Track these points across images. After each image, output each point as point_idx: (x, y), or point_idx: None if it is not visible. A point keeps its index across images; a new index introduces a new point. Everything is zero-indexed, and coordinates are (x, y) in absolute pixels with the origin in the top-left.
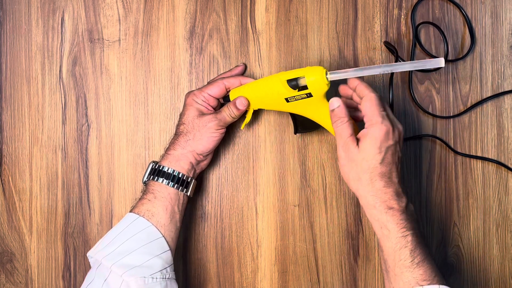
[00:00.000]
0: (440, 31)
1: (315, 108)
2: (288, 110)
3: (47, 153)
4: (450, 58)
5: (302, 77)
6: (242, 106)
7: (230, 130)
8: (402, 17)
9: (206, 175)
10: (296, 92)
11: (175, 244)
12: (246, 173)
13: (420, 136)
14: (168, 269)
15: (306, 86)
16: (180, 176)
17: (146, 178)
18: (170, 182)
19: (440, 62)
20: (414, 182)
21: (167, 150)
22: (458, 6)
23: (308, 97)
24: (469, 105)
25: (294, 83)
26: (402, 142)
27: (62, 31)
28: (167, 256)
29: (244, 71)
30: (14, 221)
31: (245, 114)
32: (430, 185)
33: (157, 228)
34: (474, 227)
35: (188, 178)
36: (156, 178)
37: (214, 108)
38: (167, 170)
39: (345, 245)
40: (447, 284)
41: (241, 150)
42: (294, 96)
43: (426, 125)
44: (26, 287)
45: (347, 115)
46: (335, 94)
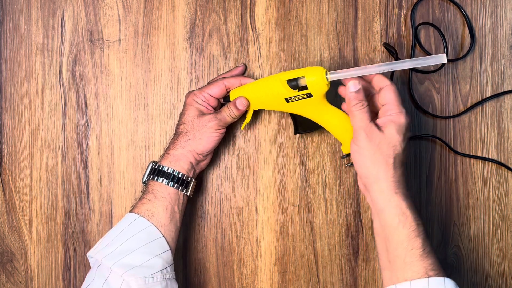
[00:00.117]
0: (439, 32)
1: (315, 108)
2: (288, 111)
3: (47, 153)
4: (450, 58)
5: (302, 77)
6: (242, 106)
7: (230, 130)
8: (402, 17)
9: (206, 175)
10: (296, 92)
11: (175, 244)
12: (246, 173)
13: (420, 136)
14: (168, 269)
15: (306, 86)
16: (180, 176)
17: (146, 178)
18: (170, 182)
19: (442, 58)
20: (414, 182)
21: (167, 149)
22: (458, 6)
23: (308, 97)
24: (469, 105)
25: (294, 83)
26: None
27: (62, 31)
28: (168, 256)
29: (244, 72)
30: (14, 221)
31: (245, 114)
32: (430, 185)
33: (157, 228)
34: (474, 227)
35: (188, 178)
36: (156, 178)
37: (214, 108)
38: (167, 170)
39: (345, 245)
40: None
41: (241, 150)
42: (294, 96)
43: (426, 125)
44: (26, 287)
45: (366, 100)
46: (335, 94)
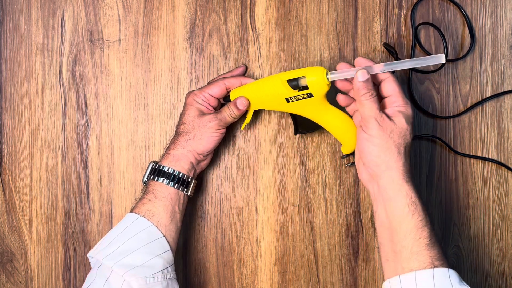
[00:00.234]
0: (439, 32)
1: (316, 108)
2: (288, 111)
3: (47, 153)
4: (450, 58)
5: (302, 77)
6: (242, 106)
7: (230, 130)
8: (402, 17)
9: (206, 175)
10: (296, 92)
11: (176, 244)
12: (246, 173)
13: (420, 136)
14: (169, 268)
15: (306, 86)
16: (180, 176)
17: (146, 178)
18: (171, 182)
19: (440, 58)
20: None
21: (167, 149)
22: (458, 6)
23: (308, 97)
24: (469, 105)
25: (294, 83)
26: None
27: (62, 31)
28: (168, 256)
29: (245, 72)
30: (14, 221)
31: (245, 114)
32: (430, 185)
33: (157, 228)
34: (474, 227)
35: (188, 178)
36: (156, 178)
37: (214, 108)
38: (168, 170)
39: (345, 245)
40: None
41: (241, 150)
42: (295, 96)
43: (426, 125)
44: (26, 287)
45: (374, 89)
46: (336, 94)
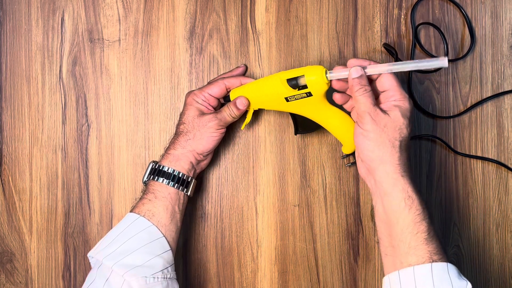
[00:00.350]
0: (439, 32)
1: (315, 107)
2: (288, 110)
3: (47, 153)
4: (450, 58)
5: (302, 76)
6: (242, 106)
7: (230, 130)
8: (402, 17)
9: (206, 175)
10: (296, 91)
11: (176, 244)
12: (246, 173)
13: (420, 136)
14: (169, 268)
15: (306, 86)
16: (180, 175)
17: (146, 178)
18: (171, 182)
19: (443, 62)
20: None
21: (167, 149)
22: (458, 6)
23: (308, 96)
24: (469, 105)
25: (294, 83)
26: None
27: (62, 31)
28: (168, 256)
29: (245, 72)
30: (14, 221)
31: (245, 114)
32: (430, 185)
33: (157, 228)
34: (474, 227)
35: (188, 178)
36: (156, 178)
37: (214, 108)
38: (167, 170)
39: (345, 245)
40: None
41: (241, 150)
42: (294, 95)
43: (426, 125)
44: (26, 287)
45: (369, 84)
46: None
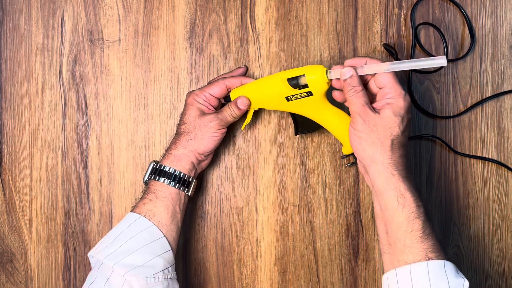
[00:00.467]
0: (439, 32)
1: (316, 107)
2: (288, 110)
3: (47, 153)
4: (450, 58)
5: (302, 75)
6: (243, 106)
7: (230, 130)
8: (402, 17)
9: (206, 175)
10: (296, 90)
11: (176, 244)
12: (246, 173)
13: (420, 136)
14: (169, 268)
15: (306, 85)
16: (181, 176)
17: (147, 178)
18: (172, 182)
19: (442, 61)
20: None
21: (168, 149)
22: (458, 6)
23: (308, 95)
24: (469, 105)
25: (294, 82)
26: None
27: (62, 31)
28: (169, 256)
29: (245, 73)
30: (14, 221)
31: (245, 114)
32: (430, 185)
33: (158, 228)
34: (474, 227)
35: (189, 178)
36: (157, 177)
37: (215, 108)
38: (169, 170)
39: (345, 245)
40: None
41: (241, 150)
42: (295, 94)
43: (426, 125)
44: (26, 287)
45: (361, 84)
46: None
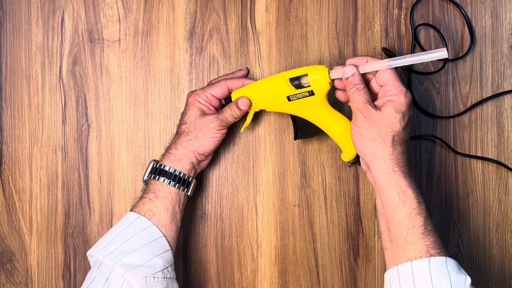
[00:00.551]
0: (438, 33)
1: (317, 109)
2: (289, 111)
3: (47, 153)
4: (450, 58)
5: (304, 75)
6: (244, 106)
7: (230, 130)
8: (402, 17)
9: (206, 175)
10: (298, 90)
11: (176, 243)
12: (246, 173)
13: (420, 136)
14: (169, 268)
15: (308, 85)
16: (181, 175)
17: (147, 177)
18: (172, 182)
19: (443, 53)
20: None
21: (168, 149)
22: (458, 6)
23: (310, 95)
24: (469, 105)
25: (296, 82)
26: None
27: (62, 31)
28: (168, 255)
29: (247, 75)
30: (14, 221)
31: (246, 116)
32: (430, 185)
33: (158, 227)
34: (474, 227)
35: (189, 178)
36: (157, 177)
37: (216, 108)
38: (169, 170)
39: (345, 245)
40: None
41: (241, 150)
42: (296, 94)
43: (426, 125)
44: (26, 287)
45: (363, 83)
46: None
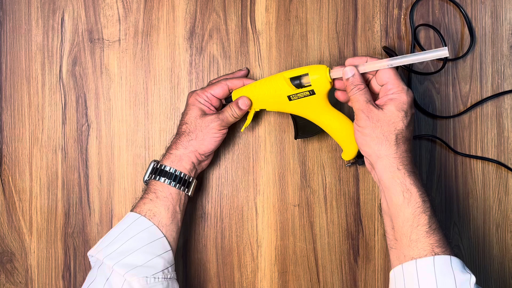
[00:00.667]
0: (438, 33)
1: (317, 108)
2: (290, 111)
3: (47, 153)
4: (450, 58)
5: (305, 74)
6: (244, 106)
7: (230, 131)
8: (402, 17)
9: (206, 175)
10: (299, 89)
11: (176, 244)
12: (246, 173)
13: (420, 136)
14: (169, 268)
15: (309, 84)
16: (182, 176)
17: (148, 177)
18: (172, 182)
19: (444, 52)
20: None
21: (169, 149)
22: (458, 6)
23: (310, 94)
24: (469, 105)
25: (297, 82)
26: None
27: (62, 31)
28: (169, 256)
29: (247, 75)
30: (14, 221)
31: (245, 115)
32: (430, 185)
33: (158, 228)
34: (474, 227)
35: (189, 178)
36: (157, 177)
37: (216, 108)
38: (169, 170)
39: (345, 245)
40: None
41: (241, 150)
42: (297, 93)
43: (426, 125)
44: (26, 287)
45: (363, 83)
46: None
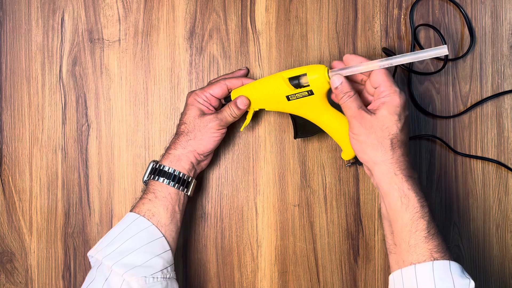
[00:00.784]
0: (438, 33)
1: (316, 108)
2: (288, 110)
3: (47, 153)
4: (450, 58)
5: (304, 74)
6: (243, 105)
7: (230, 130)
8: (402, 17)
9: (206, 175)
10: (297, 89)
11: (176, 243)
12: (246, 173)
13: (420, 136)
14: (168, 268)
15: (308, 84)
16: (181, 176)
17: (147, 178)
18: (171, 182)
19: (443, 51)
20: None
21: (168, 149)
22: (458, 6)
23: (309, 95)
24: (469, 105)
25: (296, 82)
26: None
27: (62, 31)
28: (168, 255)
29: (246, 75)
30: (14, 221)
31: (245, 115)
32: (430, 185)
33: (157, 227)
34: (474, 227)
35: (188, 178)
36: (157, 177)
37: (215, 108)
38: (168, 170)
39: (345, 245)
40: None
41: (241, 150)
42: (295, 93)
43: (426, 125)
44: (26, 287)
45: (352, 89)
46: None
